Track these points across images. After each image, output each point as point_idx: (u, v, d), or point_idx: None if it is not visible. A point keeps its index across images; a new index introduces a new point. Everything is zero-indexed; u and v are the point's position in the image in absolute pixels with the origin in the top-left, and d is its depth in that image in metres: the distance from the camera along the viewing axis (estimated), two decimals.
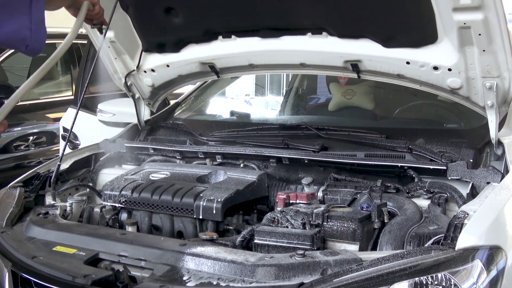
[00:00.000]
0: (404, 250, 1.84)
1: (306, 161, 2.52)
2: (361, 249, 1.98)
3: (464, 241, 1.65)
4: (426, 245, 1.87)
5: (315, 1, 2.32)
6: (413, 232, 1.93)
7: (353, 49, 2.44)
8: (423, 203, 2.19)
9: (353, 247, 1.98)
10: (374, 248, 2.01)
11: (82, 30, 7.14)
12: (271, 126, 2.97)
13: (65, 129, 4.82)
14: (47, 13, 1.92)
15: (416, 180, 2.28)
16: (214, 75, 3.01)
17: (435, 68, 2.30)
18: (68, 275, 1.82)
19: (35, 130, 6.02)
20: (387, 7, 2.23)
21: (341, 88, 3.50)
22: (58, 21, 2.08)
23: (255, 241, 2.02)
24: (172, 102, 3.86)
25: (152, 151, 2.99)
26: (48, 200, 2.61)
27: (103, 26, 2.33)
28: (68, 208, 2.53)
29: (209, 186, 2.42)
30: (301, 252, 1.76)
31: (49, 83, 6.60)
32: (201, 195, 2.30)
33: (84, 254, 1.98)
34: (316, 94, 4.19)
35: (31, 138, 5.96)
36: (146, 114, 3.31)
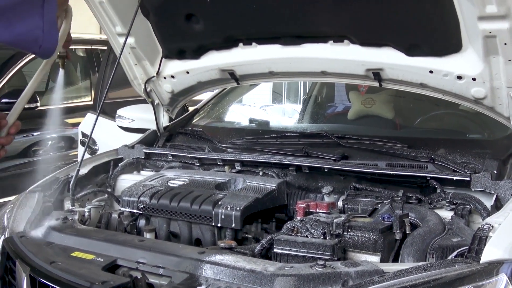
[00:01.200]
0: (427, 262, 1.80)
1: (326, 170, 2.49)
2: (382, 260, 1.95)
3: (489, 254, 1.61)
4: (449, 257, 1.84)
5: (338, 8, 2.30)
6: (436, 244, 1.89)
7: (375, 58, 2.42)
8: (446, 214, 2.15)
9: (374, 258, 1.95)
10: (395, 259, 1.97)
11: (102, 36, 7.16)
12: (291, 134, 2.95)
13: (84, 134, 4.85)
14: None
15: (438, 191, 2.24)
16: (234, 82, 2.99)
17: (459, 77, 2.27)
18: (86, 281, 1.81)
19: (53, 135, 6.05)
20: (411, 15, 2.21)
21: (361, 96, 3.48)
22: (78, 27, 2.05)
23: (275, 250, 1.99)
24: (190, 108, 3.86)
25: (171, 157, 2.98)
26: (67, 205, 2.61)
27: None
28: (87, 214, 2.53)
29: (228, 193, 2.40)
30: (321, 262, 1.73)
31: (69, 89, 6.65)
32: (220, 202, 2.28)
33: (102, 260, 1.97)
34: (334, 102, 4.17)
35: (49, 143, 5.99)
36: (165, 120, 3.31)
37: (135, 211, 2.46)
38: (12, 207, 2.50)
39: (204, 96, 3.86)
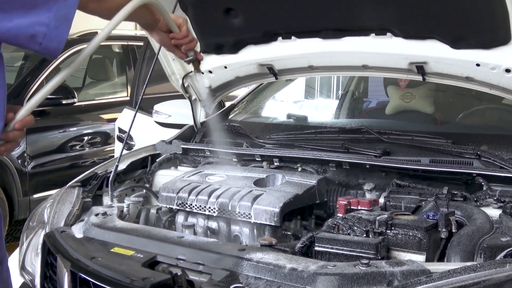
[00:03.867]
0: (476, 262, 1.74)
1: (367, 166, 2.44)
2: (427, 260, 1.89)
3: None
4: (498, 257, 1.77)
5: (381, 0, 2.25)
6: (485, 244, 1.82)
7: (419, 51, 2.35)
8: (493, 212, 2.07)
9: (419, 258, 1.89)
10: (440, 259, 1.91)
11: (137, 32, 7.20)
12: (330, 129, 2.90)
13: (120, 130, 4.87)
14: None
15: (485, 188, 2.17)
16: (272, 76, 2.96)
17: (508, 70, 2.19)
18: (126, 277, 1.79)
19: (90, 131, 6.13)
20: (457, 6, 2.13)
21: (400, 91, 3.41)
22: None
23: (316, 248, 1.95)
24: (227, 104, 3.84)
25: (209, 153, 2.96)
26: (106, 200, 2.62)
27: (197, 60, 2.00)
28: (125, 209, 2.53)
29: (267, 190, 2.36)
30: (365, 261, 1.68)
31: (104, 84, 6.72)
32: (259, 199, 2.25)
33: (141, 256, 1.95)
34: (370, 97, 4.11)
35: (86, 138, 6.06)
36: (202, 115, 3.29)
37: (173, 207, 2.45)
38: (53, 202, 2.51)
39: (240, 92, 3.84)
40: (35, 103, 1.53)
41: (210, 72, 3.02)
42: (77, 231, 2.25)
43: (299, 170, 2.65)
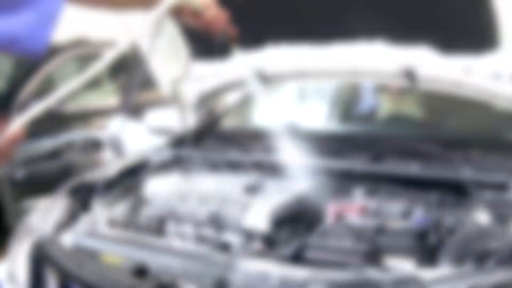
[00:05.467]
0: (466, 268, 1.74)
1: (358, 172, 2.43)
2: (418, 266, 1.88)
3: None
4: (489, 263, 1.77)
5: (370, 7, 2.25)
6: (475, 249, 1.82)
7: (409, 56, 2.36)
8: (484, 218, 2.07)
9: (410, 264, 1.89)
10: (431, 265, 1.91)
11: None
12: (321, 135, 2.90)
13: (111, 137, 4.85)
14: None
15: (476, 194, 2.17)
16: (263, 82, 2.95)
17: (498, 75, 2.19)
18: (114, 286, 1.79)
19: (81, 137, 6.08)
20: (446, 12, 2.15)
21: (390, 96, 3.42)
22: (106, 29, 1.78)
23: (306, 255, 1.94)
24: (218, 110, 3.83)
25: (200, 160, 2.95)
26: (95, 208, 2.60)
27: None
28: (115, 217, 2.51)
29: (258, 196, 2.35)
30: (355, 268, 1.68)
31: (96, 91, 6.68)
32: (250, 205, 2.24)
33: (131, 265, 1.94)
34: (361, 102, 4.10)
35: (77, 145, 6.02)
36: (192, 122, 3.28)
37: (163, 214, 2.43)
38: (41, 210, 2.49)
39: (232, 98, 3.82)
40: (31, 114, 1.46)
41: (200, 78, 3.01)
42: (66, 240, 2.23)
43: (291, 176, 2.64)
